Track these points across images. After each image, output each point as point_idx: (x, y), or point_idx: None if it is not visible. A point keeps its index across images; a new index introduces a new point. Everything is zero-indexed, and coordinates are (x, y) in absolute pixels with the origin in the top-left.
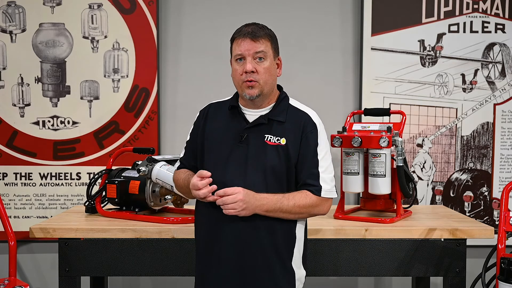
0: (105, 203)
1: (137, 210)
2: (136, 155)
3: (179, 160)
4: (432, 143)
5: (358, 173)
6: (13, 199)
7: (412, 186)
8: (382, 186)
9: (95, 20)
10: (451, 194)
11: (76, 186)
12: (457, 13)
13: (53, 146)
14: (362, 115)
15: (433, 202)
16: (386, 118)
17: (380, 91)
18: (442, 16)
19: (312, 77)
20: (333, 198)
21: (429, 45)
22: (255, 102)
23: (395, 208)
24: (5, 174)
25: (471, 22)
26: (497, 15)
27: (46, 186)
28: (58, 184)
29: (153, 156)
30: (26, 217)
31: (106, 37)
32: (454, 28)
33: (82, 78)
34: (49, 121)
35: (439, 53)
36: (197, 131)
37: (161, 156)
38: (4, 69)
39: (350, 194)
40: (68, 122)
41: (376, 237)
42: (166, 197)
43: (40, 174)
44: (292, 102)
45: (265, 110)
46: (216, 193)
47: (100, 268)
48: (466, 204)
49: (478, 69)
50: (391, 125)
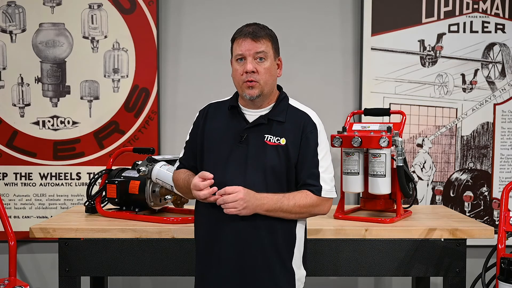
0: (105, 203)
1: (137, 210)
2: (136, 155)
3: (179, 160)
4: (432, 143)
5: (358, 173)
6: (13, 199)
7: (412, 186)
8: (382, 186)
9: (95, 20)
10: (451, 194)
11: (76, 186)
12: (457, 13)
13: (53, 146)
14: (362, 115)
15: (433, 202)
16: (386, 118)
17: (380, 91)
18: (442, 16)
19: (312, 77)
20: (333, 198)
21: (429, 45)
22: (255, 102)
23: (395, 208)
24: (5, 174)
25: (471, 22)
26: (497, 15)
27: (46, 186)
28: (58, 184)
29: (153, 156)
30: (26, 217)
31: (106, 37)
32: (454, 28)
33: (82, 78)
34: (49, 121)
35: (439, 53)
36: (196, 131)
37: (161, 156)
38: (4, 69)
39: (350, 194)
40: (68, 122)
41: (376, 237)
42: (166, 197)
43: (40, 174)
44: (291, 102)
45: (265, 110)
46: (216, 192)
47: (100, 268)
48: (466, 204)
49: (478, 69)
50: (391, 125)
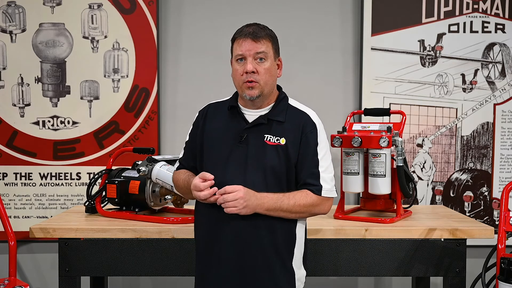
0: (105, 203)
1: (137, 210)
2: (136, 155)
3: (178, 160)
4: (432, 143)
5: (358, 173)
6: (13, 199)
7: (412, 186)
8: (382, 186)
9: (95, 20)
10: (451, 194)
11: (76, 186)
12: (457, 13)
13: (53, 146)
14: (362, 115)
15: (433, 202)
16: (386, 118)
17: (380, 91)
18: (442, 16)
19: (312, 77)
20: (333, 197)
21: (429, 45)
22: (255, 103)
23: (395, 208)
24: (5, 174)
25: (471, 22)
26: (497, 15)
27: (46, 186)
28: (58, 184)
29: (153, 156)
30: (26, 217)
31: (106, 37)
32: (454, 28)
33: (82, 78)
34: (49, 121)
35: (439, 53)
36: (196, 132)
37: (161, 156)
38: (4, 69)
39: (350, 194)
40: (68, 122)
41: (376, 237)
42: (166, 197)
43: (40, 174)
44: (291, 102)
45: (264, 110)
46: (217, 192)
47: (100, 268)
48: (466, 204)
49: (478, 69)
50: (391, 125)
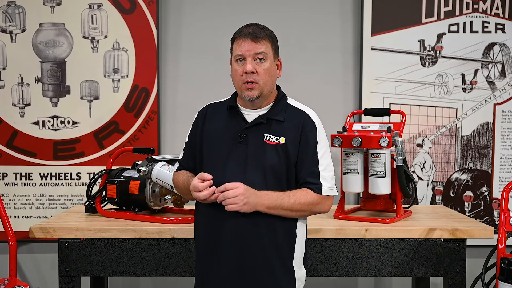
0: (105, 203)
1: (137, 210)
2: (136, 155)
3: (178, 161)
4: (432, 143)
5: (358, 173)
6: (13, 199)
7: (412, 186)
8: (382, 186)
9: (95, 20)
10: (451, 194)
11: (76, 186)
12: (457, 13)
13: (53, 146)
14: (362, 115)
15: (433, 202)
16: (386, 118)
17: (380, 91)
18: (442, 16)
19: (312, 77)
20: (334, 196)
21: (429, 45)
22: (254, 103)
23: (395, 208)
24: (5, 174)
25: (471, 22)
26: (497, 15)
27: (46, 186)
28: (58, 184)
29: (153, 156)
30: (26, 217)
31: (106, 37)
32: (454, 28)
33: (82, 78)
34: (49, 121)
35: (439, 53)
36: (195, 132)
37: (161, 156)
38: (4, 69)
39: (350, 194)
40: (68, 122)
41: (376, 237)
42: (166, 197)
43: (40, 174)
44: (290, 101)
45: (263, 110)
46: (217, 189)
47: (100, 268)
48: (466, 204)
49: (478, 69)
50: (391, 125)
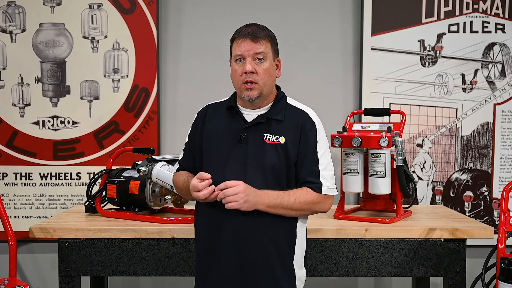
0: (105, 203)
1: (137, 210)
2: (136, 155)
3: (178, 162)
4: (432, 143)
5: (358, 173)
6: (13, 199)
7: (412, 186)
8: (382, 186)
9: (95, 20)
10: (451, 194)
11: (76, 186)
12: (457, 13)
13: (53, 146)
14: (362, 115)
15: (433, 202)
16: (386, 118)
17: (380, 91)
18: (442, 16)
19: (312, 77)
20: (334, 195)
21: (429, 45)
22: (254, 103)
23: (395, 208)
24: (5, 174)
25: (471, 22)
26: (497, 15)
27: (46, 186)
28: (58, 184)
29: (153, 156)
30: (26, 217)
31: (106, 37)
32: (454, 28)
33: (82, 78)
34: (49, 121)
35: (439, 53)
36: (195, 132)
37: (161, 156)
38: (4, 69)
39: (350, 194)
40: (68, 122)
41: (376, 237)
42: (166, 197)
43: (40, 174)
44: (290, 101)
45: (263, 110)
46: (217, 187)
47: (100, 268)
48: (466, 204)
49: (478, 69)
50: (391, 125)
